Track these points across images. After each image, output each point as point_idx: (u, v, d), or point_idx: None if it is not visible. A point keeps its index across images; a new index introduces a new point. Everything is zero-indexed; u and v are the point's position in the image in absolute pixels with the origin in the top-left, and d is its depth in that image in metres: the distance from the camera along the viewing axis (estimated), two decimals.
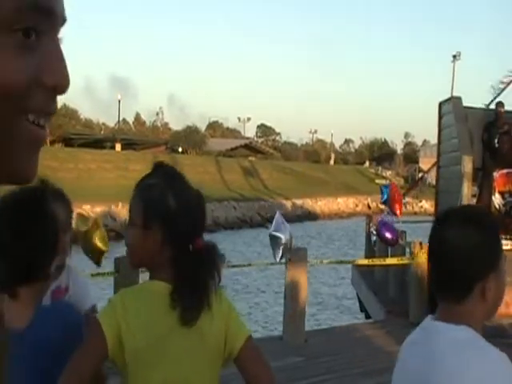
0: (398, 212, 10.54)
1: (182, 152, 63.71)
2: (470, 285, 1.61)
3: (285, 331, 7.85)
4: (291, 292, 7.73)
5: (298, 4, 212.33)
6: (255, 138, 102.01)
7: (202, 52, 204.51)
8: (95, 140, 57.06)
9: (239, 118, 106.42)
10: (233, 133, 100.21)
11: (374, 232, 12.84)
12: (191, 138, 68.63)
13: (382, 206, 12.56)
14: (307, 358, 7.09)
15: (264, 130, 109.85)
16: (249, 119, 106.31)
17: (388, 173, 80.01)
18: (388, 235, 9.58)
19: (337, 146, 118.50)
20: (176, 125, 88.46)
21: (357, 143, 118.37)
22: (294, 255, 7.64)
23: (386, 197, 10.57)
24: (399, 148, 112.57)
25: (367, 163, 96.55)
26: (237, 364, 1.99)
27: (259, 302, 16.40)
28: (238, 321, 2.04)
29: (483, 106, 13.97)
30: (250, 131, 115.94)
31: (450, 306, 1.64)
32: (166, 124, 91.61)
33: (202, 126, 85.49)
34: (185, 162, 43.78)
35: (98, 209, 29.40)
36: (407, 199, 19.94)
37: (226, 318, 1.98)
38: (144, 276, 2.41)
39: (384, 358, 6.28)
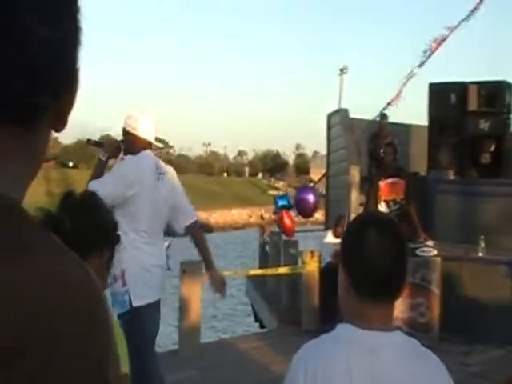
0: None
1: (73, 166, 61.66)
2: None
3: (180, 344, 7.80)
4: (186, 305, 7.69)
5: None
6: None
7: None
8: None
9: None
10: None
11: (268, 240, 13.03)
12: (82, 152, 66.92)
13: (274, 217, 12.77)
14: (202, 371, 7.07)
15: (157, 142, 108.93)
16: None
17: (280, 183, 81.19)
18: (310, 197, 10.24)
19: (230, 157, 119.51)
20: (65, 138, 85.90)
21: (250, 155, 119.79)
22: (188, 268, 7.60)
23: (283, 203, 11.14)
24: (291, 159, 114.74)
25: (260, 175, 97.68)
26: None
27: None
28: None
29: (370, 118, 14.43)
30: None
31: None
32: (56, 138, 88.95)
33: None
34: (75, 176, 42.55)
35: None
36: None
37: None
38: None
39: (277, 367, 6.35)
